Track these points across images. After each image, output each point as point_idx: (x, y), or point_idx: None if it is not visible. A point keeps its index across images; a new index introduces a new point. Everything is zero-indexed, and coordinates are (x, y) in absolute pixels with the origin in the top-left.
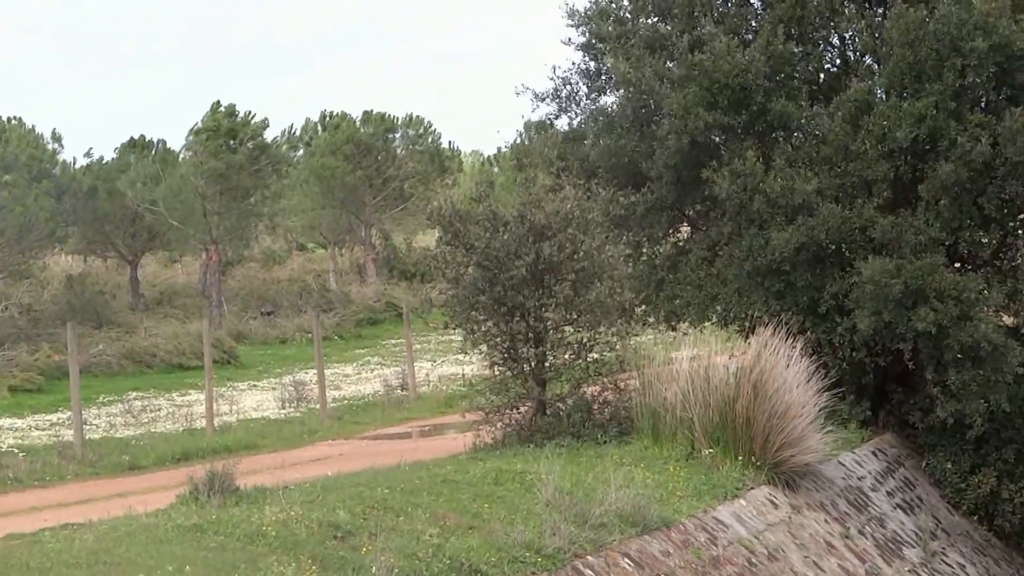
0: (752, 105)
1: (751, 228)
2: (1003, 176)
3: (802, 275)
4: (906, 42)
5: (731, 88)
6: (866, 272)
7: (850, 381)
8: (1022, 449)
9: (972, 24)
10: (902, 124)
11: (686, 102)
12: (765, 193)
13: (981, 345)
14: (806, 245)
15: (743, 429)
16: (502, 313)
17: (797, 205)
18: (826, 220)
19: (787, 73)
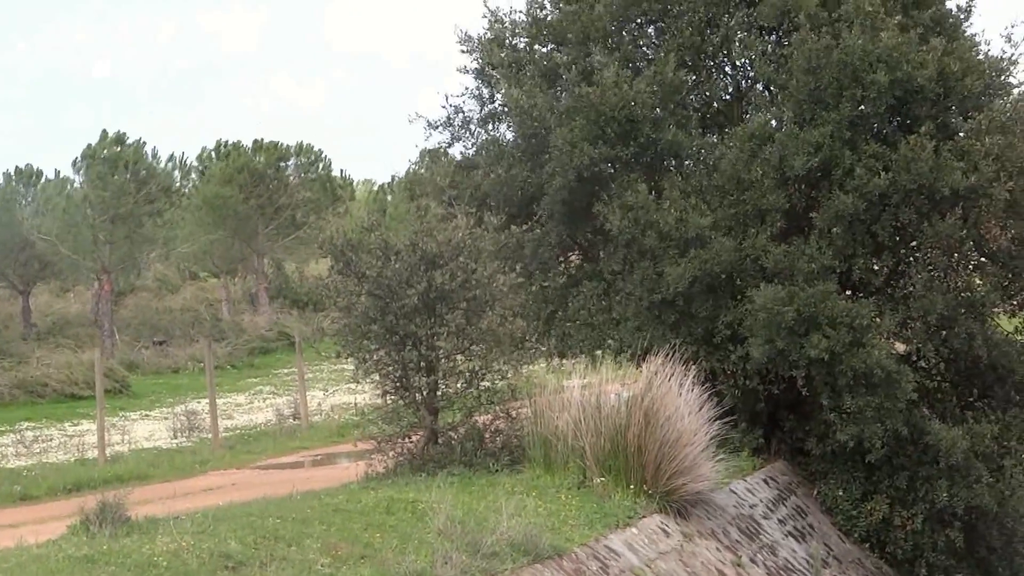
0: (640, 137)
1: (643, 262)
2: (896, 204)
3: (697, 307)
4: (808, 69)
5: (618, 120)
6: (759, 300)
7: (743, 409)
8: (914, 476)
9: (876, 56)
10: (799, 152)
11: (572, 136)
12: (658, 227)
13: (874, 371)
14: (700, 278)
15: (635, 457)
16: (394, 342)
17: (690, 239)
18: (719, 253)
19: (678, 102)
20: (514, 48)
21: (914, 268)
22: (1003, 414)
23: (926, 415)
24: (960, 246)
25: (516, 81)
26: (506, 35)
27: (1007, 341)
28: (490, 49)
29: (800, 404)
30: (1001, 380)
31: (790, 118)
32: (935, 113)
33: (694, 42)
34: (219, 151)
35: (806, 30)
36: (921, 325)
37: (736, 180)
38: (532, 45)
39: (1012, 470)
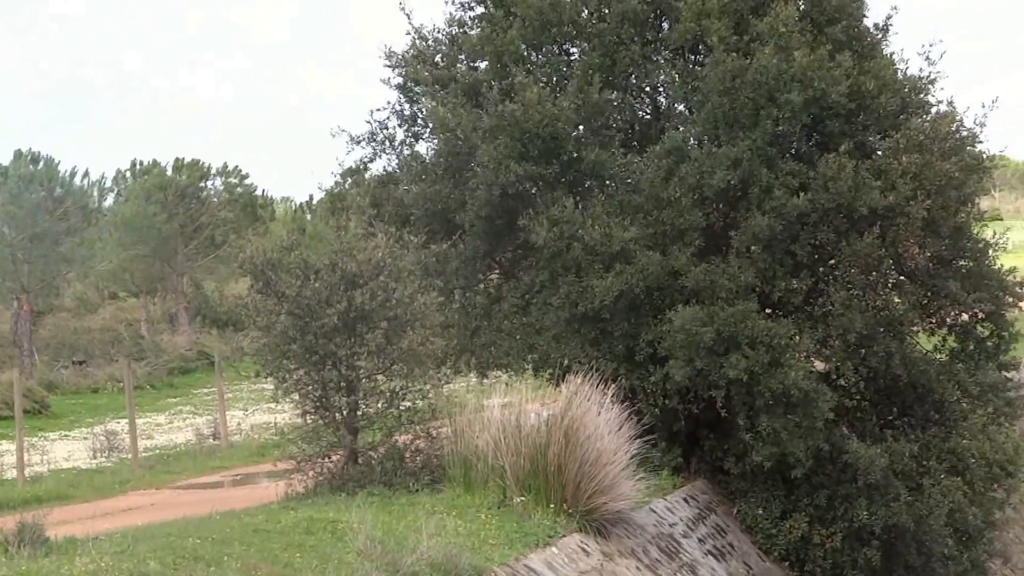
0: (563, 155)
1: (568, 276)
2: (815, 223)
3: (619, 323)
4: (723, 89)
5: (542, 138)
6: (677, 320)
7: (663, 428)
8: (833, 494)
9: (790, 76)
10: (716, 170)
11: (497, 153)
12: (583, 241)
13: (792, 392)
14: (624, 293)
15: (555, 476)
16: (313, 362)
17: (615, 253)
18: (644, 268)
19: (601, 122)
20: (437, 65)
21: (833, 287)
22: (922, 433)
23: (845, 434)
24: (879, 264)
25: (439, 98)
26: (430, 52)
27: (926, 360)
28: (414, 66)
29: (720, 423)
30: (920, 399)
31: (707, 138)
32: (852, 132)
33: (609, 61)
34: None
35: (719, 52)
36: (840, 344)
37: (655, 199)
38: (454, 63)
39: (930, 489)
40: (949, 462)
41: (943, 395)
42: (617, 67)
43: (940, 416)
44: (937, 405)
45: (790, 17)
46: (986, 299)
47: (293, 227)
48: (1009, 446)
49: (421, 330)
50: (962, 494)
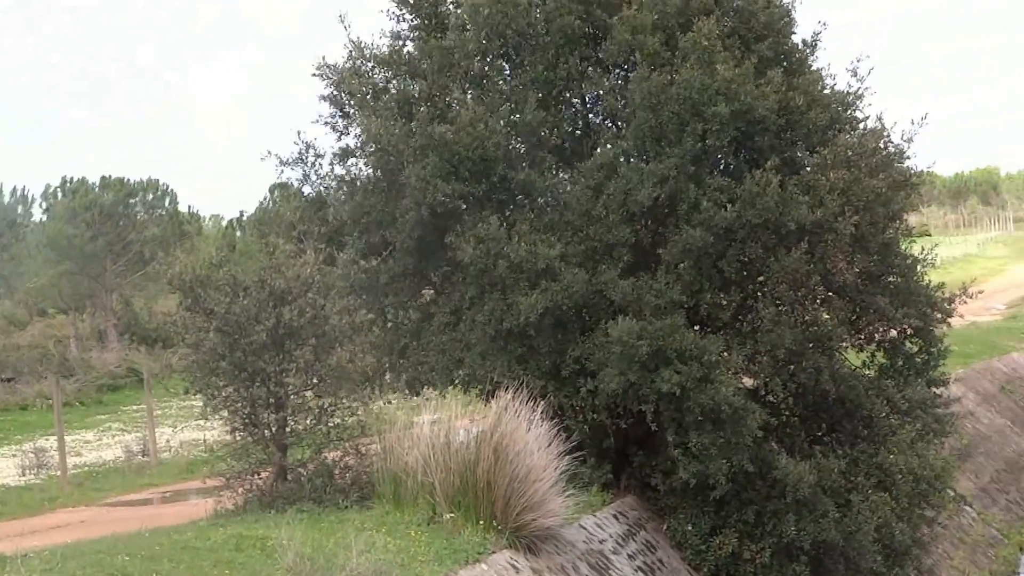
0: (493, 175)
1: (494, 293)
2: (743, 239)
3: (545, 339)
4: (649, 105)
5: (472, 159)
6: (614, 333)
7: (592, 444)
8: (762, 510)
9: (715, 89)
10: (644, 185)
11: (424, 173)
12: (509, 258)
13: (722, 407)
14: (550, 310)
15: (484, 493)
16: (243, 378)
17: (540, 270)
18: (569, 285)
19: (532, 142)
20: (372, 79)
21: (762, 303)
22: (851, 449)
23: (774, 449)
24: (807, 280)
25: (373, 112)
26: (366, 66)
27: (854, 375)
28: (349, 79)
29: (649, 439)
30: (849, 415)
31: (634, 153)
32: (780, 147)
33: (546, 77)
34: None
35: (644, 67)
36: (769, 360)
37: (584, 215)
38: (390, 78)
39: (859, 505)
40: (877, 478)
41: (872, 411)
42: (553, 84)
43: (869, 432)
44: (866, 421)
45: (711, 32)
46: (914, 315)
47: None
48: (937, 462)
49: (350, 347)
50: (890, 510)
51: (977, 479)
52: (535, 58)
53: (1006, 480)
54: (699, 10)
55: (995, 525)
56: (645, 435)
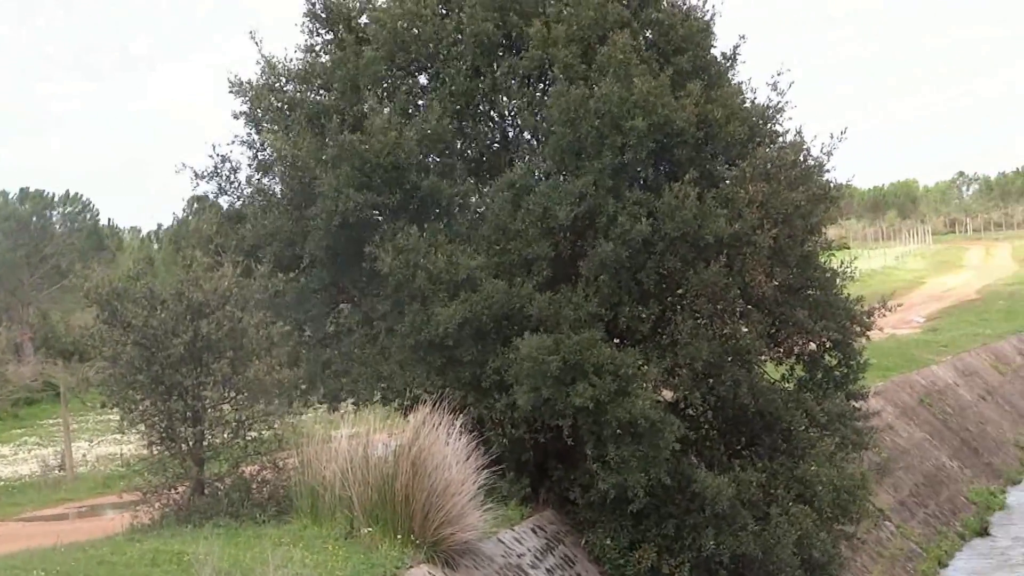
0: (406, 184)
1: (413, 304)
2: (662, 252)
3: (465, 351)
4: (567, 120)
5: (384, 167)
6: (524, 348)
7: (510, 458)
8: (681, 524)
9: (633, 103)
10: (562, 202)
11: (337, 182)
12: (428, 269)
13: (639, 421)
14: (469, 321)
15: (403, 507)
16: (160, 392)
17: (460, 281)
18: (489, 296)
19: (443, 151)
20: (284, 94)
21: (680, 316)
22: (770, 462)
23: (693, 463)
24: (726, 293)
25: (284, 128)
26: (278, 81)
27: (773, 389)
28: (262, 95)
29: (567, 453)
30: (768, 428)
31: (552, 169)
32: (699, 161)
33: (464, 89)
34: None
35: (562, 82)
36: (688, 373)
37: (502, 230)
38: (303, 92)
39: (778, 518)
40: (796, 491)
41: (791, 424)
42: (469, 95)
43: (788, 445)
44: (785, 434)
45: (627, 45)
46: (834, 328)
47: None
48: (856, 475)
49: (267, 360)
50: (810, 523)
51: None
52: (449, 69)
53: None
54: (616, 23)
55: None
56: (564, 449)
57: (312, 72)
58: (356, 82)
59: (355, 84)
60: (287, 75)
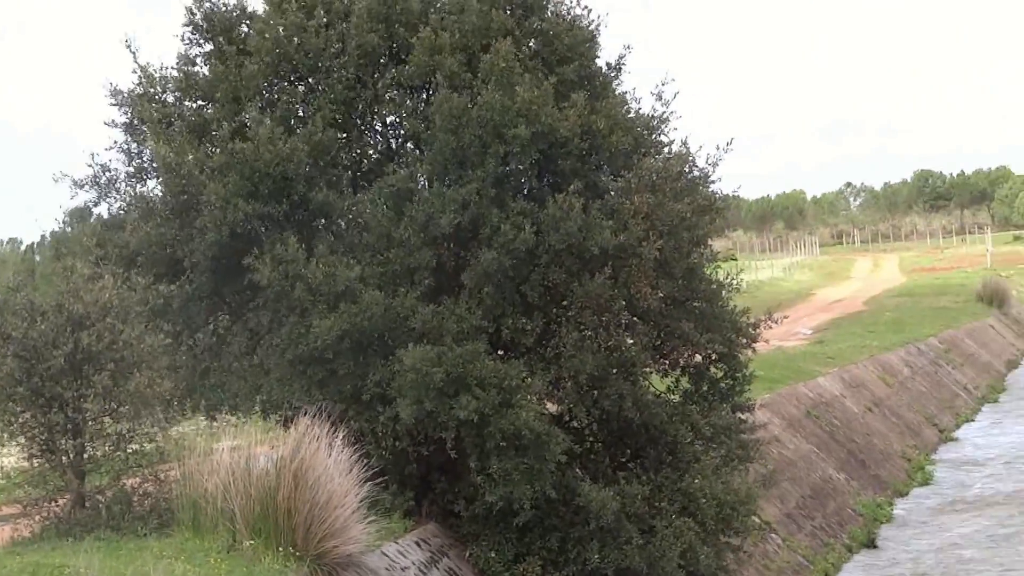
0: (293, 194)
1: (292, 316)
2: (546, 264)
3: (344, 363)
4: (450, 128)
5: (272, 177)
6: (407, 360)
7: (394, 470)
8: (566, 537)
9: (515, 111)
10: (445, 211)
11: (226, 192)
12: (307, 280)
13: (523, 433)
14: (348, 333)
15: (285, 519)
16: (40, 404)
17: (339, 292)
18: (368, 307)
19: (329, 161)
20: (164, 103)
21: (565, 328)
22: (654, 475)
23: (578, 475)
24: (611, 305)
25: (165, 137)
26: (156, 90)
27: (658, 401)
28: (140, 104)
29: (451, 466)
30: (653, 440)
31: (436, 177)
32: (584, 171)
33: (345, 99)
34: None
35: (445, 89)
36: (573, 385)
37: (385, 238)
38: (182, 101)
39: (663, 531)
40: (681, 504)
41: (676, 437)
42: (352, 105)
43: (673, 458)
44: (670, 447)
45: (510, 53)
46: (719, 340)
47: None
48: (742, 488)
49: (148, 372)
50: (694, 536)
51: (783, 505)
52: (332, 79)
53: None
54: (499, 31)
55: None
56: (447, 461)
57: (193, 83)
58: (237, 93)
59: (236, 95)
60: (165, 85)
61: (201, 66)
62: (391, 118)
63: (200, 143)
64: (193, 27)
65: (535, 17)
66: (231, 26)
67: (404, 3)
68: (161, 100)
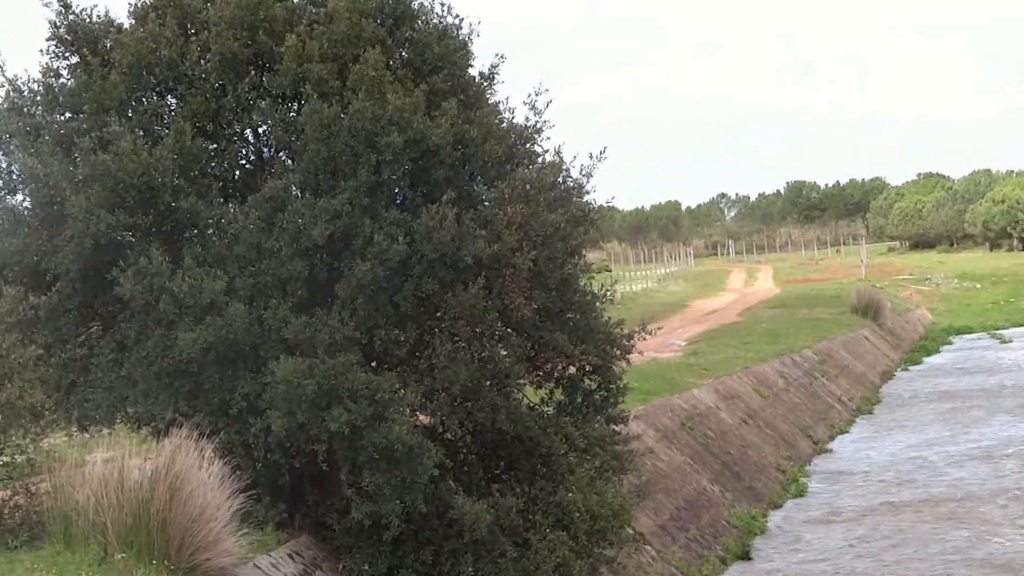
0: (160, 204)
1: (158, 329)
2: (419, 274)
3: (211, 377)
4: (321, 137)
5: (138, 188)
6: (279, 372)
7: (266, 483)
8: (440, 550)
9: (387, 119)
10: (317, 221)
11: (89, 203)
12: (172, 293)
13: (396, 446)
14: (215, 345)
15: (158, 532)
16: None
17: (206, 305)
18: (234, 320)
19: (198, 170)
20: (31, 116)
21: (439, 339)
22: (529, 487)
23: (452, 488)
24: (484, 316)
25: (33, 150)
26: (24, 104)
27: (531, 414)
28: (7, 117)
29: (324, 478)
30: (528, 452)
31: (308, 187)
32: (457, 181)
33: (209, 109)
34: None
35: (315, 99)
36: (446, 397)
37: (255, 249)
38: (49, 113)
39: (537, 544)
40: (556, 516)
41: (551, 449)
42: (219, 115)
43: (547, 470)
44: (544, 459)
45: (379, 62)
46: (593, 352)
47: None
48: (616, 501)
49: (19, 383)
50: (568, 549)
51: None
52: (194, 90)
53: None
54: (370, 41)
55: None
56: (320, 474)
57: (58, 94)
58: (103, 104)
59: (102, 106)
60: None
61: (66, 78)
62: (263, 128)
63: (67, 155)
64: (58, 40)
65: (407, 27)
66: (96, 38)
67: (267, 11)
68: (29, 112)
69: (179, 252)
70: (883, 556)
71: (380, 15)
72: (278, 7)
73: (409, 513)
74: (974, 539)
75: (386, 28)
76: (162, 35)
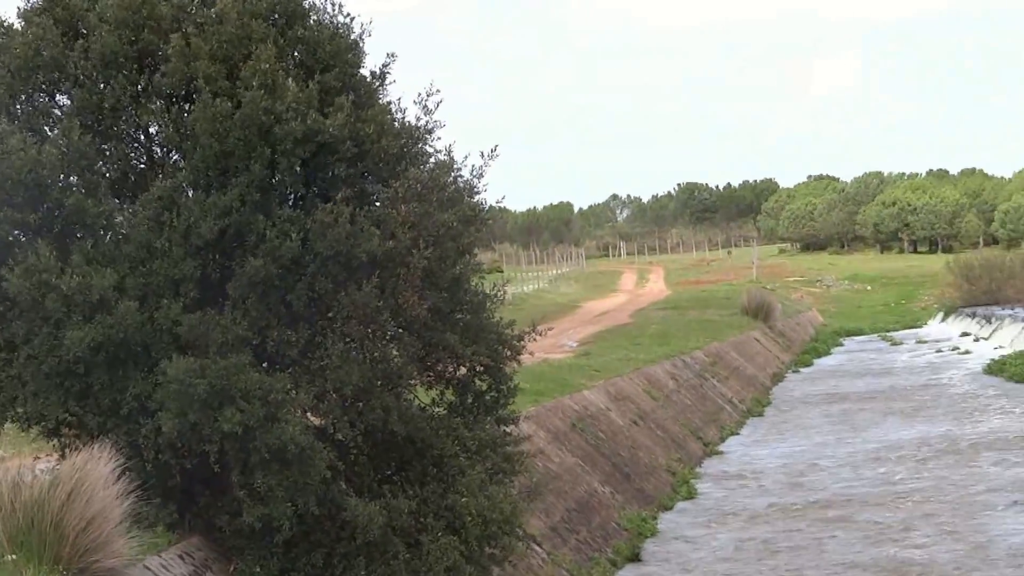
0: (48, 202)
1: (46, 327)
2: (313, 273)
3: (100, 376)
4: (212, 132)
5: (26, 185)
6: (171, 372)
7: (157, 484)
8: (331, 553)
9: (284, 109)
10: (207, 217)
11: None
12: (60, 291)
13: (288, 448)
14: (103, 344)
15: (51, 533)
16: None
17: (95, 303)
18: (124, 318)
19: (87, 168)
20: None
21: (331, 339)
22: (420, 489)
23: (344, 490)
24: (377, 316)
25: None
26: None
27: (423, 415)
28: None
29: (215, 479)
30: (419, 454)
31: (198, 184)
32: (352, 179)
33: (99, 107)
34: None
35: (206, 94)
36: (337, 398)
37: (146, 248)
38: None
39: (429, 546)
40: (447, 519)
41: (442, 450)
42: (109, 113)
43: (439, 472)
44: (436, 460)
45: (271, 56)
46: (484, 352)
47: None
48: (506, 504)
49: None
50: (459, 553)
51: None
52: (78, 89)
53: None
54: (261, 40)
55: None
56: (211, 475)
57: None
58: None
59: None
60: None
61: None
62: (154, 128)
63: None
64: None
65: (298, 26)
66: None
67: (151, 9)
68: None
69: (68, 250)
70: (773, 558)
71: (272, 15)
72: (164, 6)
73: (301, 515)
74: (864, 542)
75: (277, 28)
76: (46, 36)
